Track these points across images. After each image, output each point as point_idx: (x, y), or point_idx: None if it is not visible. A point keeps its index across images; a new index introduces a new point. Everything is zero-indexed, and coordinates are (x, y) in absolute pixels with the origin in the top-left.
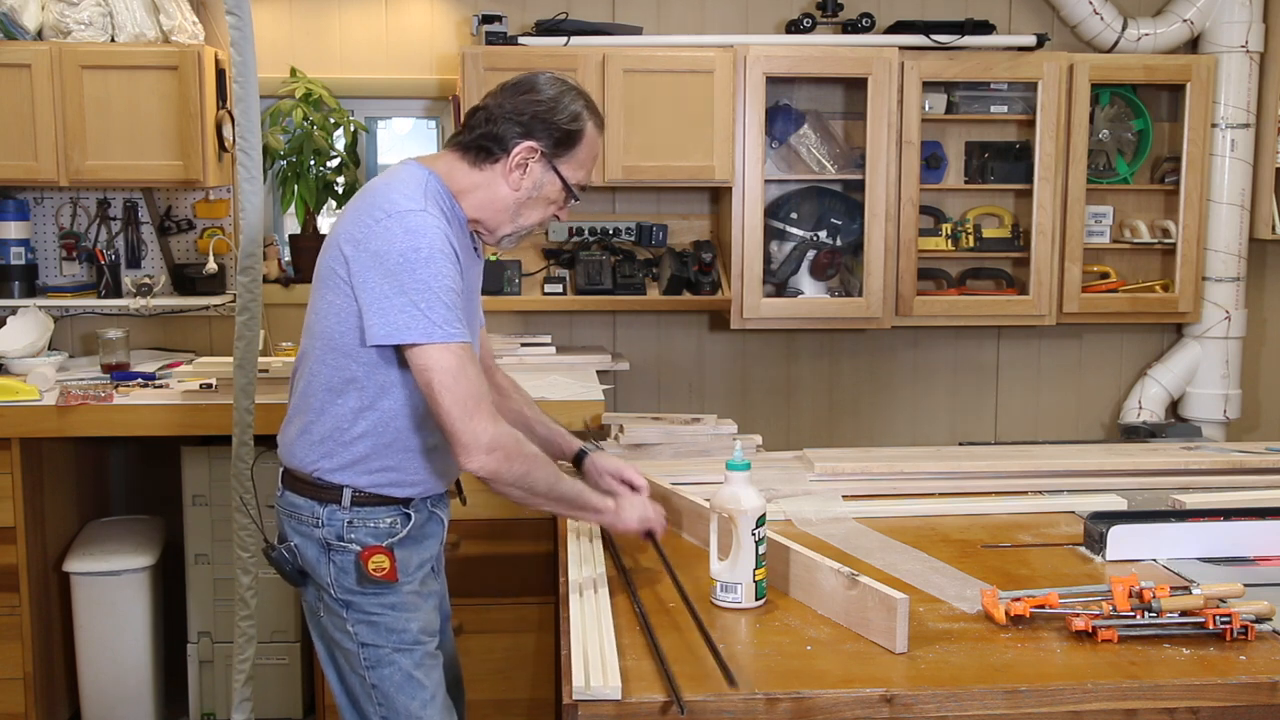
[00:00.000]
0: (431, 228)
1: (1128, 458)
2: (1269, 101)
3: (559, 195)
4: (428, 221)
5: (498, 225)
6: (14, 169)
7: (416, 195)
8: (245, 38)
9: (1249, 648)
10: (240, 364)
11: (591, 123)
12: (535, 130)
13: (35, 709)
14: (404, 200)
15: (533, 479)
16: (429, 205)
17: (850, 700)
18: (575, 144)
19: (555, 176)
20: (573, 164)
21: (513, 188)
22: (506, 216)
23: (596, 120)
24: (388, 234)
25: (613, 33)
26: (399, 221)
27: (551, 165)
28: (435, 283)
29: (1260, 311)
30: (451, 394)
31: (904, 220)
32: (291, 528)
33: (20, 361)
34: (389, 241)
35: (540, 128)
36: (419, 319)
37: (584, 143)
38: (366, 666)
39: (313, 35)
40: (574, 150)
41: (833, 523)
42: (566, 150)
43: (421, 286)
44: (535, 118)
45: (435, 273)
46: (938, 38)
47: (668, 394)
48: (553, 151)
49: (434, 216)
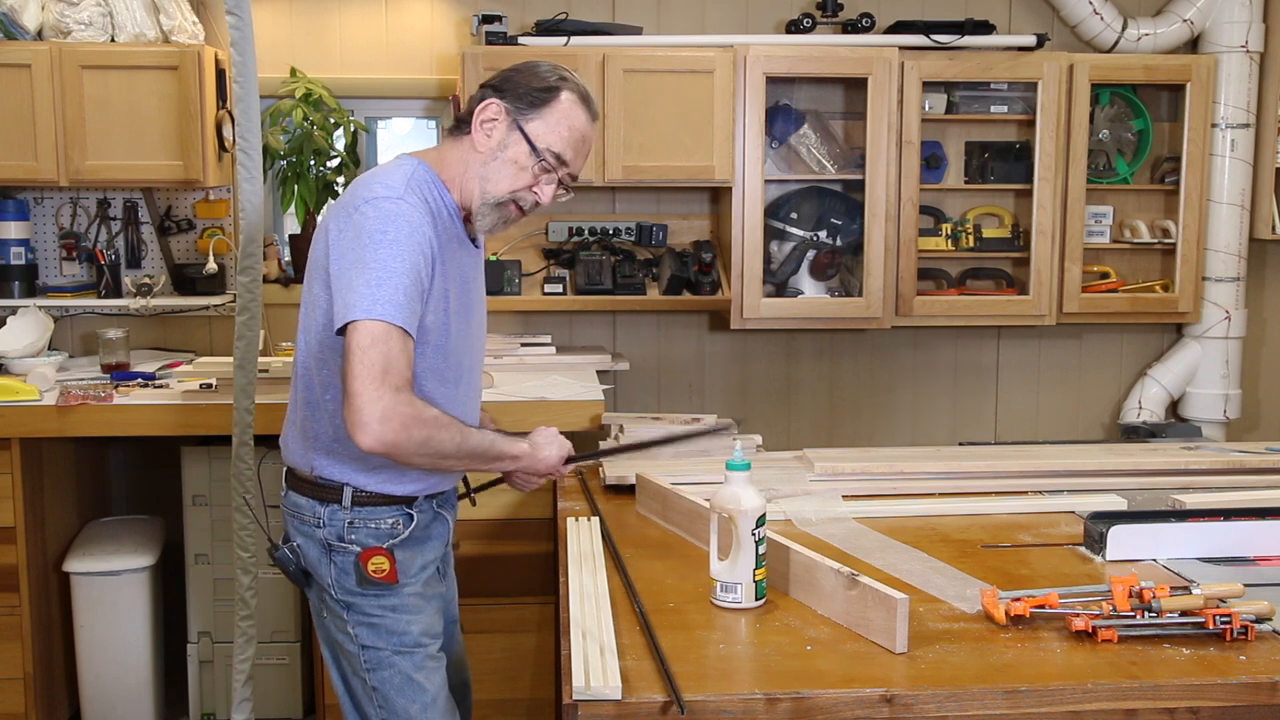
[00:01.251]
0: (404, 215)
1: (1128, 458)
2: (1269, 101)
3: (528, 159)
4: (402, 209)
5: (470, 196)
6: (14, 169)
7: (397, 185)
8: (245, 38)
9: (1249, 648)
10: (240, 364)
11: (569, 94)
12: (503, 89)
13: (35, 709)
14: (382, 189)
15: (437, 442)
16: (408, 194)
17: (850, 700)
18: (544, 105)
19: (520, 136)
20: (541, 125)
21: (479, 149)
22: (475, 183)
23: (579, 95)
24: (363, 220)
25: (613, 33)
26: (374, 208)
27: (516, 124)
28: (394, 263)
29: (1260, 311)
30: (360, 363)
31: (904, 220)
32: (295, 528)
33: (20, 361)
34: (361, 226)
35: (508, 86)
36: (364, 297)
37: (555, 107)
38: (367, 669)
39: (313, 35)
40: (542, 110)
41: (833, 523)
42: (534, 110)
43: (379, 266)
44: (506, 79)
45: (396, 254)
46: (938, 38)
47: (668, 394)
48: (518, 109)
49: (410, 205)
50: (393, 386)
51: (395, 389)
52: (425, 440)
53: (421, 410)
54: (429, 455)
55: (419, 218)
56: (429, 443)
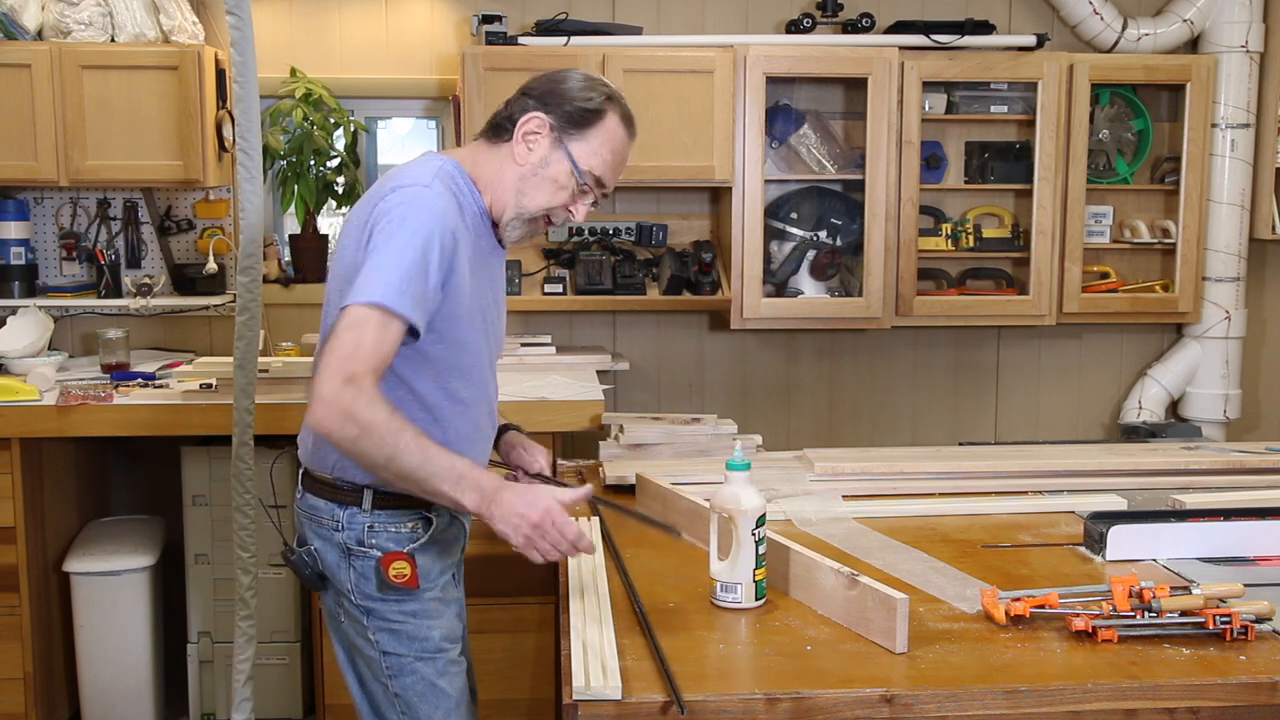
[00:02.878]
0: (427, 202)
1: (1128, 458)
2: (1269, 101)
3: (568, 180)
4: (426, 196)
5: (503, 206)
6: (14, 169)
7: (424, 176)
8: (245, 38)
9: (1249, 648)
10: (240, 364)
11: (614, 115)
12: (549, 103)
13: (35, 709)
14: (410, 179)
15: (363, 446)
16: (435, 184)
17: (850, 700)
18: (589, 126)
19: (564, 155)
20: (585, 147)
21: (518, 161)
22: (511, 195)
23: (623, 117)
24: (387, 207)
25: (613, 33)
26: (398, 195)
27: (560, 142)
28: (406, 248)
29: (1260, 311)
30: (330, 344)
31: (904, 220)
32: (311, 531)
33: (20, 361)
34: (383, 213)
35: (554, 101)
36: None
37: (601, 129)
38: (389, 675)
39: (313, 35)
40: (587, 132)
41: (833, 523)
42: (579, 130)
43: (390, 250)
44: (551, 93)
45: (409, 239)
46: (938, 38)
47: (668, 394)
48: (562, 127)
49: (435, 193)
50: (345, 375)
51: (347, 378)
52: (354, 439)
53: (364, 409)
54: (356, 456)
55: (444, 204)
56: (356, 442)
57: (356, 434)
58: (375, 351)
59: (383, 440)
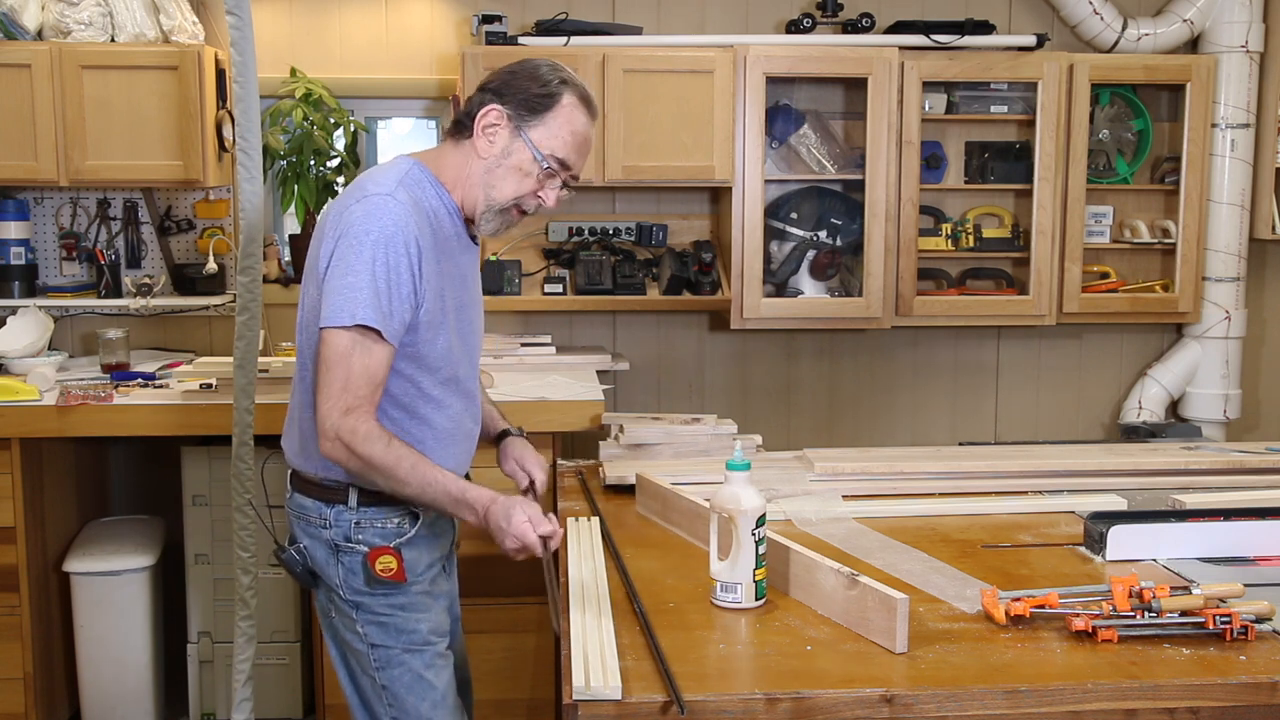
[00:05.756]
0: (390, 212)
1: (1128, 458)
2: (1269, 101)
3: (531, 166)
4: (389, 206)
5: (474, 201)
6: (14, 169)
7: (388, 182)
8: (245, 38)
9: (1249, 648)
10: (240, 364)
11: (570, 96)
12: (504, 94)
13: (35, 709)
14: (374, 187)
15: (369, 476)
16: (397, 191)
17: (850, 700)
18: (546, 110)
19: (524, 143)
20: (543, 132)
21: (481, 154)
22: (479, 189)
23: (579, 98)
24: (351, 219)
25: (613, 33)
26: (362, 206)
27: (519, 130)
28: (374, 264)
29: (1260, 311)
30: (323, 377)
31: (904, 220)
32: (301, 529)
33: (20, 361)
34: (349, 225)
35: (509, 91)
36: (340, 299)
37: (557, 112)
38: (376, 667)
39: (313, 35)
40: (544, 116)
41: (833, 523)
42: (535, 116)
43: (360, 266)
44: (506, 84)
45: (376, 253)
46: (938, 38)
47: (668, 394)
48: (520, 115)
49: (398, 202)
50: (343, 408)
51: (345, 410)
52: (361, 470)
53: (362, 444)
54: (367, 482)
55: (405, 214)
56: (364, 473)
57: (360, 467)
58: (367, 379)
59: (382, 473)
